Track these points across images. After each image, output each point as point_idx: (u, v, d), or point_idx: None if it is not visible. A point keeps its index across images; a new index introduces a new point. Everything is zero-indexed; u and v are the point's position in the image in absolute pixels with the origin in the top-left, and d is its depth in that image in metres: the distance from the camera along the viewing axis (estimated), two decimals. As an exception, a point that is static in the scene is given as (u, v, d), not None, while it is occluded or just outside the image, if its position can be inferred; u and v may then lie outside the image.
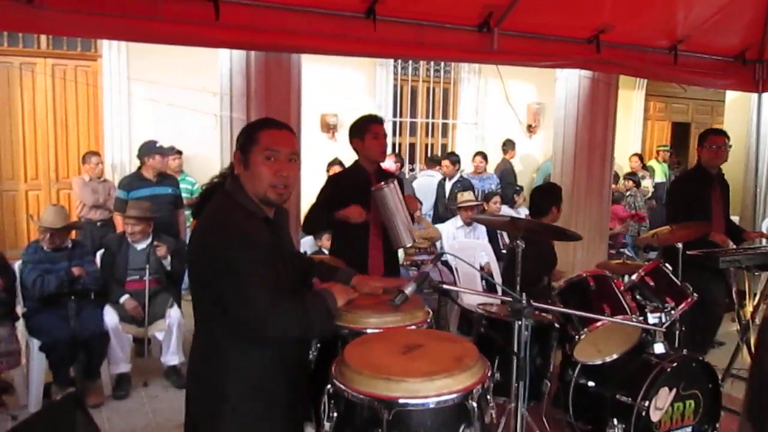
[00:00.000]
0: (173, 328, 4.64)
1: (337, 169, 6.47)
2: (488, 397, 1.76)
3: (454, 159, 7.79)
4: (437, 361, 1.74)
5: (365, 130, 3.61)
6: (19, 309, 4.56)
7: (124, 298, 4.62)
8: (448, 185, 7.56)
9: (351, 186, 3.65)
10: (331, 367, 1.86)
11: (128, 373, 4.61)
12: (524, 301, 2.13)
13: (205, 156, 6.59)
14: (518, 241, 3.17)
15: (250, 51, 4.00)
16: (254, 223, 1.95)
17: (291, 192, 2.07)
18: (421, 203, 6.39)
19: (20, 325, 4.51)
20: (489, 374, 1.78)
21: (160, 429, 4.07)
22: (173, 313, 4.69)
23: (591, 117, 5.53)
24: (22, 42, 6.90)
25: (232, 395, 1.95)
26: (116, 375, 4.57)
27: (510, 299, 2.18)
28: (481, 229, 6.36)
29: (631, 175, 9.10)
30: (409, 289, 2.11)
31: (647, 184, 9.43)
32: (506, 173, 8.73)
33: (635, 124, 11.20)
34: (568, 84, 5.55)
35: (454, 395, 1.66)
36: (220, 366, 1.96)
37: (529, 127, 9.77)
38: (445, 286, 2.23)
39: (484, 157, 8.26)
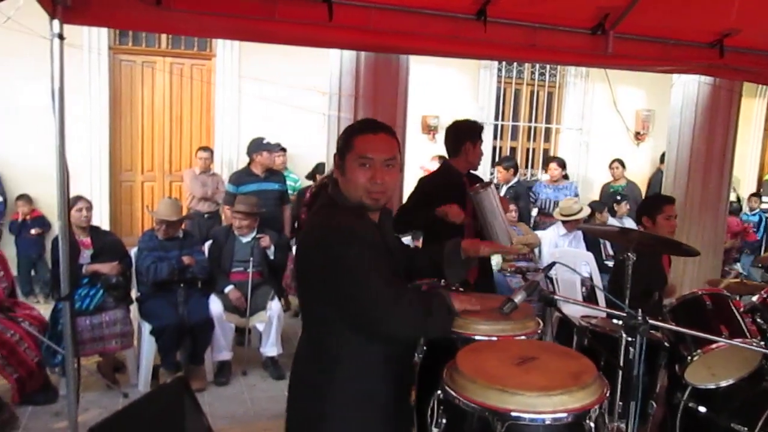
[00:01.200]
0: (273, 320, 4.77)
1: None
2: (605, 418, 1.68)
3: (509, 164, 7.29)
4: (554, 376, 1.68)
5: (480, 135, 3.63)
6: (133, 293, 4.84)
7: (228, 289, 4.79)
8: (502, 191, 7.14)
9: (443, 188, 3.63)
10: (441, 372, 1.83)
11: (229, 361, 4.78)
12: (640, 317, 2.03)
13: (310, 154, 6.74)
14: (629, 254, 3.03)
15: (361, 52, 4.05)
16: (364, 224, 1.94)
17: (389, 196, 2.01)
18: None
19: (134, 308, 4.78)
20: (607, 394, 1.70)
21: (258, 417, 4.19)
22: (274, 306, 4.82)
23: (709, 126, 5.23)
24: (145, 42, 7.31)
25: (336, 396, 1.93)
26: (218, 362, 4.75)
27: (624, 314, 2.08)
28: (579, 237, 6.15)
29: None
30: (518, 298, 2.05)
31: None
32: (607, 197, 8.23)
33: (755, 136, 10.50)
34: (685, 90, 5.27)
35: (571, 414, 1.60)
36: (327, 366, 1.95)
37: (637, 134, 9.37)
38: (556, 297, 2.15)
39: (561, 164, 7.58)
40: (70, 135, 3.19)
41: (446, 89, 8.04)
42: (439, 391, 1.76)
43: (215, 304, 4.69)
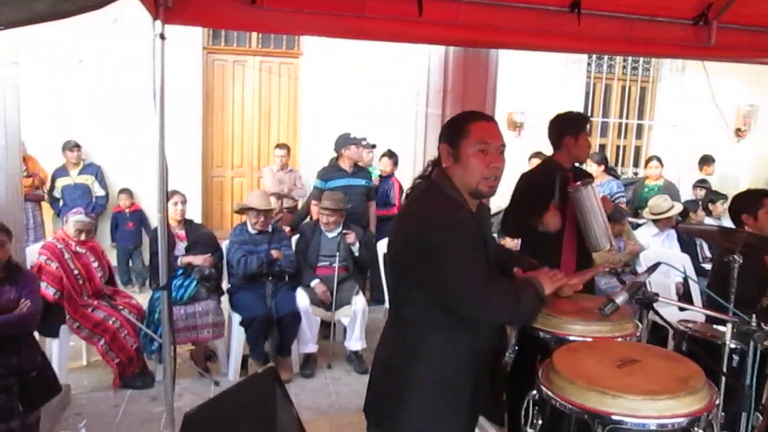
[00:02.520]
0: (358, 315, 4.82)
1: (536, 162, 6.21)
2: (715, 426, 1.59)
3: (599, 158, 6.96)
4: (659, 380, 1.61)
5: (582, 128, 3.46)
6: (224, 285, 5.00)
7: (314, 282, 4.87)
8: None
9: (542, 185, 3.52)
10: (534, 372, 1.79)
11: (315, 353, 4.87)
12: (754, 323, 1.91)
13: (396, 150, 6.75)
14: (735, 256, 2.86)
15: (449, 47, 4.02)
16: (464, 214, 1.95)
17: (499, 184, 2.03)
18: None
19: (224, 299, 4.94)
20: (717, 401, 1.61)
21: (343, 410, 4.24)
22: (359, 301, 4.87)
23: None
24: (236, 41, 7.54)
25: (418, 380, 1.96)
26: (304, 354, 4.84)
27: (735, 319, 1.96)
28: (673, 236, 5.87)
29: None
30: (620, 299, 1.98)
31: None
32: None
33: None
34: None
35: (679, 419, 1.52)
36: (412, 349, 1.98)
37: (738, 131, 8.86)
38: (661, 299, 2.05)
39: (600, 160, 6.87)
40: (167, 132, 3.31)
41: (532, 84, 7.86)
42: (534, 391, 1.72)
43: (302, 298, 4.78)
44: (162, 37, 3.28)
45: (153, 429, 3.82)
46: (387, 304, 5.10)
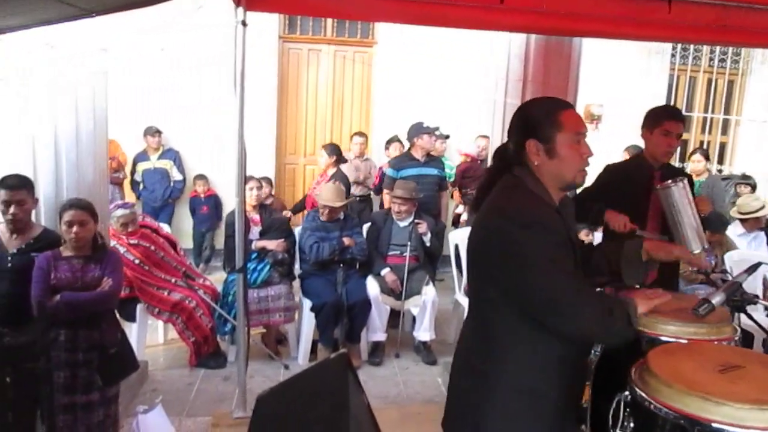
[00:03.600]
0: (428, 305, 4.78)
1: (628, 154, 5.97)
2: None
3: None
4: (767, 389, 1.50)
5: (657, 123, 3.25)
6: (296, 271, 5.06)
7: (385, 271, 4.87)
8: None
9: (629, 179, 3.35)
10: (622, 372, 1.71)
11: (383, 342, 4.87)
12: None
13: (470, 141, 6.66)
14: (840, 259, 2.67)
15: (530, 35, 3.91)
16: (549, 211, 1.84)
17: None
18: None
19: (296, 285, 5.00)
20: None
21: (411, 400, 4.22)
22: (429, 291, 4.83)
23: None
24: (312, 30, 7.59)
25: (502, 387, 1.85)
26: (372, 342, 4.85)
27: None
28: (762, 239, 5.56)
29: None
30: (716, 299, 1.87)
31: None
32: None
33: None
34: None
35: (790, 432, 1.41)
36: (495, 355, 1.87)
37: (832, 127, 8.32)
38: (762, 301, 1.93)
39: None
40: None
41: (612, 76, 7.58)
42: (626, 393, 1.64)
43: (372, 286, 4.79)
44: (244, 24, 3.32)
45: (225, 408, 3.89)
46: (457, 295, 5.06)
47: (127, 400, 3.65)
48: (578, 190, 3.29)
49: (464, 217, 6.62)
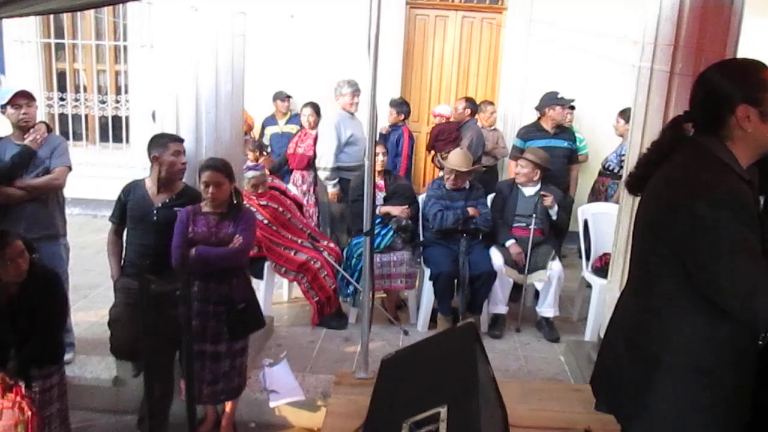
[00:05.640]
0: (553, 281, 4.62)
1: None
2: None
3: None
4: None
5: None
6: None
7: (510, 243, 4.74)
8: None
9: None
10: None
11: (504, 315, 4.77)
12: None
13: (603, 112, 6.31)
14: None
15: (685, -6, 3.57)
16: (740, 184, 1.67)
17: None
18: None
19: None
20: None
21: (532, 376, 4.12)
22: (555, 266, 4.66)
23: None
24: (440, -4, 7.46)
25: (675, 371, 1.74)
26: (493, 314, 4.76)
27: None
28: None
29: None
30: None
31: None
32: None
33: None
34: None
35: None
36: (665, 337, 1.76)
37: None
38: None
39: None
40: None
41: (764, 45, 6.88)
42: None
43: (496, 257, 4.68)
44: (379, -13, 3.26)
45: (346, 367, 3.97)
46: (584, 273, 4.84)
47: (253, 353, 3.80)
48: None
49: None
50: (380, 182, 4.92)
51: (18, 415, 2.79)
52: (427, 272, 4.71)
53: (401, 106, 6.58)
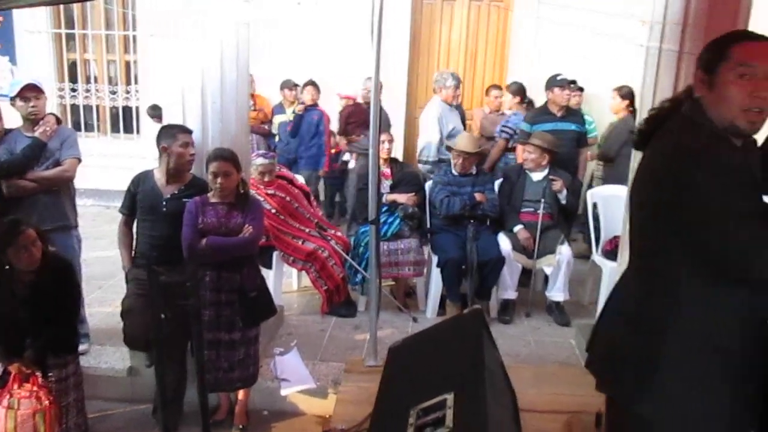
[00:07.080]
0: (562, 265, 4.61)
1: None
2: None
3: None
4: None
5: None
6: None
7: (518, 228, 4.73)
8: None
9: None
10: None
11: (514, 300, 4.77)
12: None
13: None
14: None
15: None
16: (728, 147, 1.65)
17: (765, 119, 1.68)
18: None
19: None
20: None
21: (542, 360, 4.12)
22: (564, 250, 4.64)
23: None
24: (447, -19, 7.40)
25: (678, 340, 1.69)
26: (502, 300, 4.76)
27: None
28: None
29: None
30: None
31: None
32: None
33: None
34: None
35: None
36: (668, 305, 1.71)
37: None
38: None
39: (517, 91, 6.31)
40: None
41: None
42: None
43: (504, 242, 4.67)
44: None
45: (356, 355, 3.99)
46: (594, 256, 4.83)
47: (264, 342, 3.82)
48: None
49: (351, 164, 6.34)
50: (386, 170, 4.92)
51: (36, 404, 2.84)
52: (435, 259, 4.71)
53: (317, 85, 6.74)
